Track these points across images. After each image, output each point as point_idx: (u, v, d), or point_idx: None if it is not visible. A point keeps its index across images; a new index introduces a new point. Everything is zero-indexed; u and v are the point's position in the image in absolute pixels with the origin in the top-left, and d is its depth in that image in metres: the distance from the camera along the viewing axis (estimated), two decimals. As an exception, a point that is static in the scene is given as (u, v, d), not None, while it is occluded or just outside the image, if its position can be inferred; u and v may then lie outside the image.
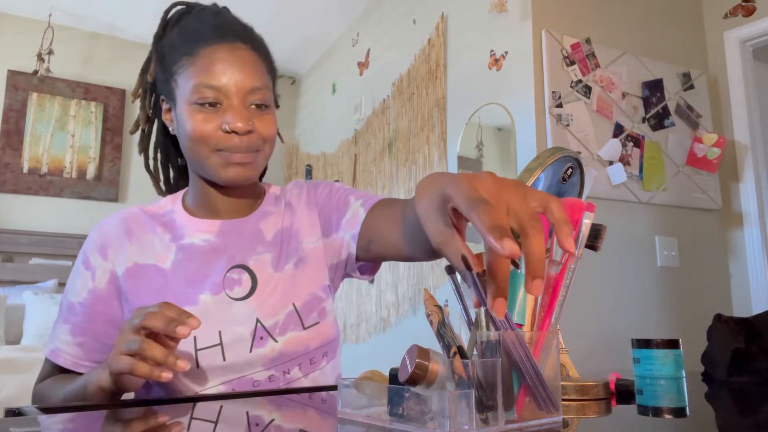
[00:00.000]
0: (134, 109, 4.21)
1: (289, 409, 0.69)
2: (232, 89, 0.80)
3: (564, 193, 0.81)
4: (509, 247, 0.40)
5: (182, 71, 0.82)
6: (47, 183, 3.86)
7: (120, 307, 0.86)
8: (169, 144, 0.97)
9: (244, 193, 0.92)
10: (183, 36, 0.84)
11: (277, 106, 0.91)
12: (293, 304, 0.86)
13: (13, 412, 0.63)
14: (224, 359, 0.81)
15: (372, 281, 3.21)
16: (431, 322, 0.55)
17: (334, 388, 0.85)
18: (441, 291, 2.55)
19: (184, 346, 0.80)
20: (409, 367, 0.47)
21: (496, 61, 2.38)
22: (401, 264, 2.91)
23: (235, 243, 0.88)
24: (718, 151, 2.42)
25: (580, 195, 0.82)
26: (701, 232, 2.45)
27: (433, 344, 0.55)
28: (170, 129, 0.89)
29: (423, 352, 0.48)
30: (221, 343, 0.81)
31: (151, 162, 0.99)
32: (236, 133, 0.80)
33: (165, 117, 0.89)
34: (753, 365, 0.91)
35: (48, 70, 3.71)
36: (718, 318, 0.98)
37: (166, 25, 0.90)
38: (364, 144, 3.45)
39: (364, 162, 3.42)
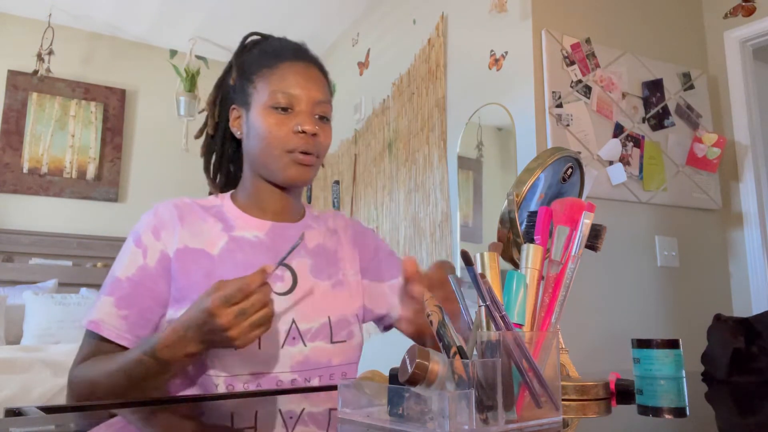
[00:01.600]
0: (134, 109, 4.23)
1: (290, 409, 0.69)
2: (303, 98, 0.93)
3: (564, 193, 0.81)
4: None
5: (261, 79, 0.95)
6: (47, 183, 3.86)
7: (167, 286, 0.91)
8: (226, 151, 1.06)
9: (294, 202, 1.02)
10: (264, 53, 0.98)
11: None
12: (328, 317, 0.94)
13: (13, 412, 0.63)
14: (259, 347, 0.87)
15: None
16: (431, 322, 0.55)
17: (334, 388, 0.85)
18: (441, 291, 2.55)
19: None
20: (409, 367, 0.47)
21: (496, 61, 2.39)
22: (401, 264, 2.91)
23: (281, 243, 0.97)
24: (718, 151, 2.42)
25: (580, 195, 0.82)
26: (701, 232, 2.44)
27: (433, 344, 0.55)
28: (237, 134, 0.99)
29: (423, 352, 0.48)
30: None
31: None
32: (305, 132, 0.91)
33: (233, 124, 1.00)
34: (753, 365, 0.91)
35: (48, 70, 3.70)
36: (718, 318, 0.98)
37: (244, 47, 1.04)
38: (364, 144, 3.45)
39: (364, 162, 3.42)
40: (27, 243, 3.70)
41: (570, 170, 0.78)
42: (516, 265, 0.72)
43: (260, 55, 0.99)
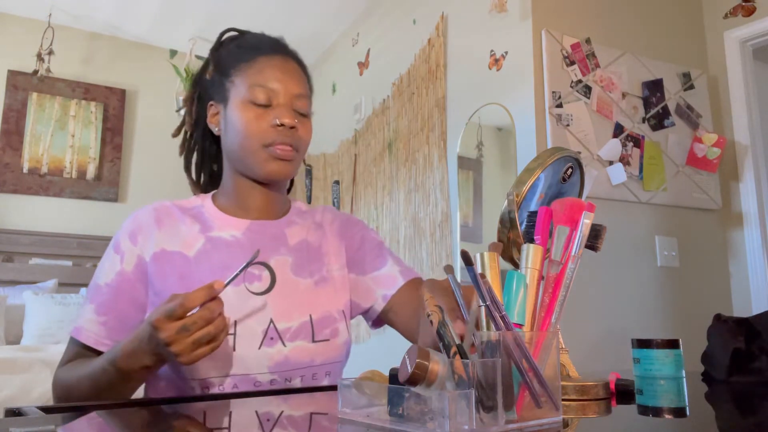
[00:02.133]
0: (134, 109, 4.22)
1: (289, 409, 0.69)
2: (281, 92, 0.92)
3: (564, 193, 0.81)
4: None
5: (239, 74, 0.93)
6: (47, 183, 3.86)
7: (144, 290, 0.91)
8: (207, 149, 1.05)
9: (275, 198, 0.99)
10: (241, 48, 0.97)
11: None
12: (310, 315, 0.91)
13: (13, 412, 0.63)
14: (234, 349, 0.84)
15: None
16: (431, 322, 0.55)
17: (334, 388, 0.85)
18: (441, 291, 2.55)
19: None
20: (409, 367, 0.47)
21: (496, 61, 2.38)
22: (401, 264, 2.91)
23: (259, 241, 0.95)
24: (718, 151, 2.42)
25: (580, 195, 0.83)
26: (701, 232, 2.44)
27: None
28: (215, 130, 0.98)
29: (423, 352, 0.48)
30: (234, 334, 0.85)
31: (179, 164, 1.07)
32: (283, 126, 0.90)
33: (211, 120, 0.99)
34: (753, 365, 0.91)
35: (48, 70, 3.70)
36: (718, 318, 0.98)
37: (221, 42, 1.02)
38: (364, 144, 3.45)
39: (364, 162, 3.42)
40: (27, 243, 3.70)
41: (570, 170, 0.78)
42: (516, 265, 0.72)
43: (237, 49, 0.97)
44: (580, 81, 2.23)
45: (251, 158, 0.91)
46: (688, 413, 0.65)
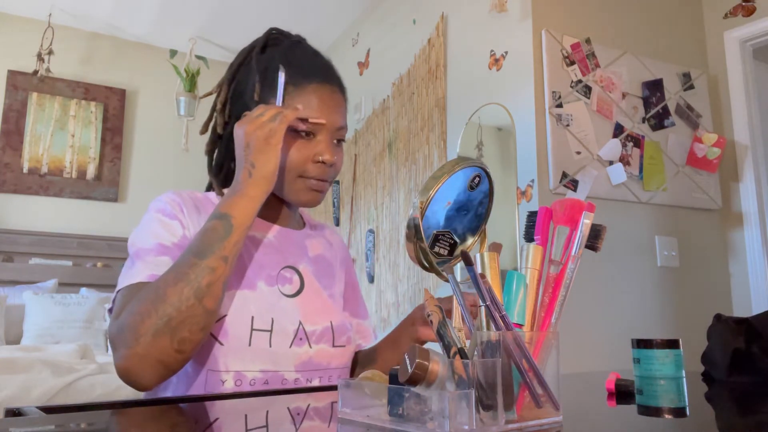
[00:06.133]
0: (134, 109, 4.22)
1: (290, 408, 0.69)
2: (326, 125, 0.93)
3: (473, 200, 0.82)
4: None
5: (285, 96, 0.93)
6: (47, 183, 3.86)
7: None
8: (232, 151, 1.00)
9: (296, 213, 1.05)
10: (290, 66, 0.93)
11: None
12: (330, 322, 0.95)
13: (13, 412, 0.63)
14: (270, 345, 0.87)
15: (372, 281, 3.21)
16: (431, 322, 0.55)
17: (334, 388, 0.85)
18: (441, 291, 2.55)
19: (241, 324, 0.86)
20: (409, 367, 0.47)
21: (496, 61, 2.38)
22: (401, 264, 2.91)
23: (288, 247, 0.98)
24: (718, 151, 2.42)
25: (490, 201, 0.84)
26: (701, 232, 2.44)
27: (433, 344, 0.55)
28: None
29: (423, 352, 0.48)
30: (271, 331, 0.88)
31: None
32: (324, 163, 0.92)
33: None
34: (753, 365, 0.91)
35: (48, 70, 3.70)
36: (718, 318, 0.98)
37: (266, 44, 1.00)
38: (364, 144, 3.45)
39: (364, 162, 3.42)
40: (27, 243, 3.70)
41: (477, 179, 0.79)
42: (424, 268, 0.74)
43: (286, 66, 0.93)
44: (580, 81, 2.23)
45: (286, 185, 0.92)
46: (688, 413, 0.65)
